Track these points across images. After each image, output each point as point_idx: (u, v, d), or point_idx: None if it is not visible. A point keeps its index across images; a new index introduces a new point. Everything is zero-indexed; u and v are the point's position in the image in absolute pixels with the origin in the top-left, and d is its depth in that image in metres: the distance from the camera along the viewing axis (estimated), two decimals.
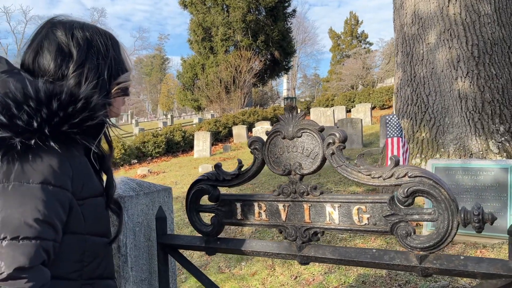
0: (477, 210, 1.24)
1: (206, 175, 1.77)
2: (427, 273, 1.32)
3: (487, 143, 5.41)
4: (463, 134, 5.55)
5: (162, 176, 11.57)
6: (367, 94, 24.33)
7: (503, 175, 4.11)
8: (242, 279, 4.19)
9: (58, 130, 1.11)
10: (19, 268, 1.00)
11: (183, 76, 30.21)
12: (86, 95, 1.17)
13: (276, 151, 1.60)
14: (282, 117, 1.60)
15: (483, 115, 5.49)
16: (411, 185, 1.33)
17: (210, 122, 18.99)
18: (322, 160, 1.51)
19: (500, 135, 5.39)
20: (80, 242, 1.21)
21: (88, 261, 1.25)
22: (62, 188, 1.12)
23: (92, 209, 1.24)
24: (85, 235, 1.23)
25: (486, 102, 5.50)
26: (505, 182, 4.07)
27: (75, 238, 1.20)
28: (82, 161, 1.22)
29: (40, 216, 1.05)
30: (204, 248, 1.78)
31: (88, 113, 1.16)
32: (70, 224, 1.17)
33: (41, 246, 1.05)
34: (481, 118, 5.50)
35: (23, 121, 1.06)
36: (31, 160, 1.08)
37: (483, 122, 5.48)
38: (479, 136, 5.45)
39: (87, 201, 1.22)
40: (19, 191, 1.06)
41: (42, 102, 1.09)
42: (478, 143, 5.43)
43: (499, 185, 4.09)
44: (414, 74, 6.14)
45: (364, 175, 1.43)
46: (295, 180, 1.57)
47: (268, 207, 1.63)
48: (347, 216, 1.47)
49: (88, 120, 1.16)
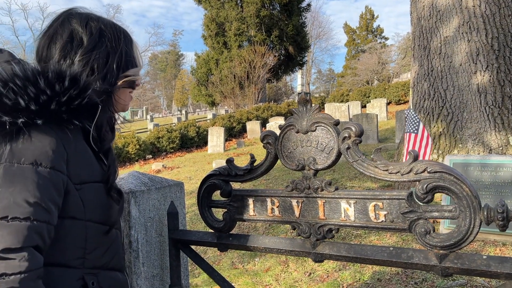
0: (502, 208, 1.18)
1: (218, 170, 1.74)
2: (447, 273, 1.27)
3: (507, 138, 5.26)
4: (482, 129, 5.41)
5: (176, 171, 11.61)
6: (383, 89, 24.02)
7: None
8: (256, 275, 4.16)
9: (47, 110, 1.09)
10: (7, 248, 0.96)
11: (197, 71, 30.26)
12: (74, 73, 1.15)
13: (289, 145, 1.56)
14: (295, 111, 1.55)
15: (503, 109, 5.35)
16: (431, 181, 1.28)
17: (224, 118, 18.99)
18: (337, 155, 1.46)
19: None
20: (80, 228, 1.18)
21: (91, 248, 1.21)
22: (55, 170, 1.09)
23: (91, 194, 1.20)
24: (86, 221, 1.19)
25: (506, 96, 5.35)
26: None
27: (75, 224, 1.17)
28: (79, 145, 1.19)
29: (31, 196, 1.03)
30: (215, 244, 1.75)
31: (76, 91, 1.13)
32: (69, 209, 1.14)
33: (32, 228, 1.01)
34: (500, 113, 5.35)
35: (10, 99, 1.05)
36: (22, 141, 1.06)
37: (503, 117, 5.33)
38: (498, 131, 5.31)
39: (85, 186, 1.19)
40: (10, 171, 1.04)
41: (29, 80, 1.08)
42: (497, 138, 5.29)
43: None
44: (431, 68, 6.01)
45: (381, 170, 1.37)
46: (309, 176, 1.52)
47: (281, 203, 1.59)
48: (363, 212, 1.42)
49: (77, 99, 1.13)
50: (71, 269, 1.18)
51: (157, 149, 15.48)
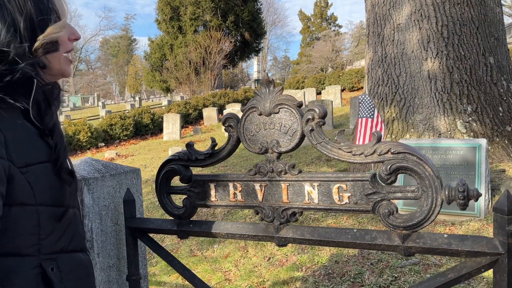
0: (462, 187, 1.20)
1: (177, 155, 1.66)
2: (410, 252, 1.28)
3: (455, 123, 5.50)
4: (432, 114, 5.62)
5: (131, 159, 11.30)
6: (337, 76, 24.48)
7: (471, 154, 4.18)
8: (215, 261, 4.13)
9: None
10: None
11: (151, 56, 29.44)
12: None
13: (252, 128, 1.51)
14: (258, 92, 1.50)
15: (451, 95, 5.57)
16: (394, 162, 1.28)
17: (179, 104, 18.64)
18: (300, 137, 1.44)
19: (468, 115, 5.49)
20: (32, 214, 1.07)
21: (46, 233, 1.11)
22: None
23: (39, 176, 1.09)
24: (37, 206, 1.08)
25: (455, 82, 5.58)
26: (473, 160, 4.15)
27: (26, 210, 1.06)
28: (18, 124, 1.07)
29: None
30: (176, 231, 1.69)
31: (5, 67, 1.01)
32: (16, 195, 1.03)
33: None
34: (449, 98, 5.57)
35: None
36: None
37: (452, 102, 5.56)
38: (447, 116, 5.54)
39: (31, 168, 1.07)
40: None
41: None
42: (446, 123, 5.52)
43: (468, 163, 4.17)
44: (385, 55, 6.15)
45: (345, 152, 1.36)
46: (272, 159, 1.49)
47: (244, 188, 1.54)
48: (327, 195, 1.40)
49: (7, 75, 1.01)
50: (26, 257, 1.07)
51: (110, 136, 14.99)
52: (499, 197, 1.17)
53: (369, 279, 3.34)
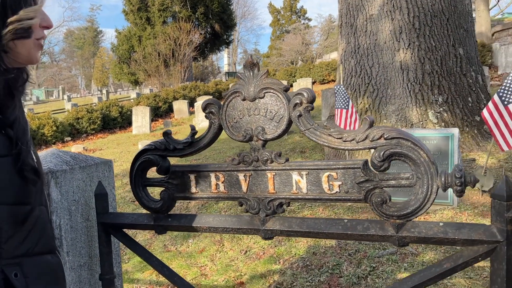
0: (459, 173, 1.14)
1: (153, 144, 1.55)
2: (404, 243, 1.22)
3: (427, 113, 5.57)
4: (404, 105, 5.67)
5: (99, 153, 10.96)
6: (308, 69, 24.56)
7: (444, 143, 4.22)
8: (190, 256, 4.02)
9: None
10: None
11: (118, 48, 28.64)
12: None
13: (235, 114, 1.42)
14: (241, 76, 1.41)
15: (423, 86, 5.63)
16: (388, 148, 1.21)
17: (149, 97, 18.22)
18: (288, 123, 1.35)
19: (439, 105, 5.57)
20: None
21: (7, 236, 0.99)
22: None
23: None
24: None
25: (426, 73, 5.64)
26: (446, 150, 4.19)
27: None
28: None
29: None
30: (153, 226, 1.58)
31: None
32: None
33: None
34: (421, 89, 5.63)
35: None
36: None
37: (423, 93, 5.62)
38: (419, 107, 5.59)
39: None
40: None
41: None
42: (418, 114, 5.58)
43: (441, 153, 4.21)
44: (358, 46, 6.15)
45: (335, 138, 1.29)
46: (257, 147, 1.40)
47: (227, 178, 1.45)
48: (316, 184, 1.33)
49: None
50: None
51: (77, 130, 14.50)
52: (497, 183, 1.13)
53: (347, 270, 3.31)
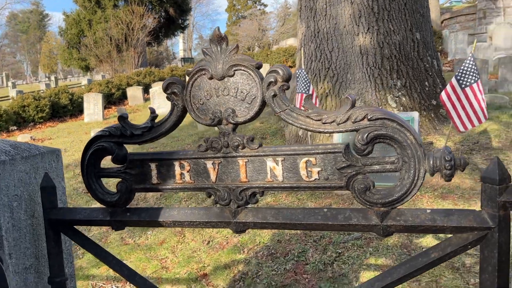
0: (449, 155, 1.06)
1: (107, 130, 1.37)
2: (389, 232, 1.13)
3: (386, 98, 5.61)
4: (364, 89, 5.68)
5: (48, 143, 10.36)
6: (265, 55, 24.44)
7: None
8: (149, 249, 3.83)
9: None
10: None
11: (67, 33, 27.16)
12: None
13: (201, 95, 1.26)
14: (208, 51, 1.25)
15: (382, 70, 5.66)
16: (372, 130, 1.11)
17: (101, 84, 17.42)
18: (261, 104, 1.22)
19: (397, 90, 5.62)
20: None
21: None
22: None
23: None
24: None
25: (385, 58, 5.67)
26: None
27: None
28: None
29: None
30: (109, 222, 1.41)
31: None
32: None
33: None
34: (380, 73, 5.66)
35: None
36: None
37: (382, 77, 5.65)
38: (378, 92, 5.63)
39: None
40: None
41: None
42: (377, 98, 5.61)
43: None
44: (318, 30, 6.08)
45: (313, 120, 1.17)
46: (227, 131, 1.25)
47: (193, 167, 1.30)
48: (293, 171, 1.21)
49: None
50: None
51: (23, 119, 13.64)
52: (488, 165, 1.05)
53: (313, 257, 3.26)
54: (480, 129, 5.41)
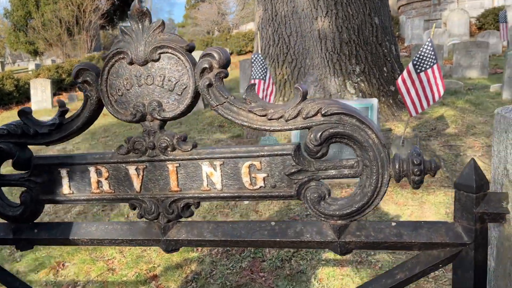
0: (417, 158, 0.88)
1: (5, 128, 1.10)
2: (347, 249, 0.95)
3: (345, 83, 5.50)
4: (323, 75, 5.55)
5: None
6: (225, 39, 23.98)
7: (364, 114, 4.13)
8: (95, 249, 3.53)
9: None
10: None
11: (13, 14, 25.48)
12: None
13: (120, 84, 1.02)
14: (127, 30, 1.00)
15: (341, 56, 5.53)
16: (327, 127, 0.91)
17: (50, 69, 16.44)
18: (194, 95, 0.99)
19: (356, 75, 5.52)
20: None
21: None
22: None
23: None
24: None
25: (344, 42, 5.53)
26: None
27: None
28: None
29: None
30: (13, 240, 1.15)
31: None
32: None
33: None
34: (339, 59, 5.53)
35: None
36: None
37: (341, 63, 5.53)
38: (337, 77, 5.50)
39: None
40: None
41: None
42: (336, 84, 5.49)
43: None
44: (275, 13, 5.86)
45: (258, 116, 0.95)
46: (153, 129, 1.02)
47: (112, 173, 1.06)
48: (234, 177, 0.99)
49: None
50: None
51: None
52: (463, 170, 0.88)
53: (270, 253, 3.09)
54: (437, 114, 5.42)
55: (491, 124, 5.05)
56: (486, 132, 4.79)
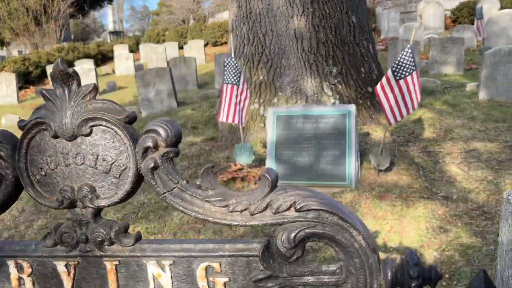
0: (415, 270, 0.70)
1: None
2: None
3: (322, 85, 5.33)
4: (299, 76, 5.36)
5: None
6: (199, 30, 23.47)
7: (342, 121, 3.99)
8: None
9: None
10: None
11: None
12: None
13: (42, 161, 0.81)
14: (49, 95, 0.79)
15: (318, 56, 5.35)
16: (302, 226, 0.73)
17: (16, 61, 15.68)
18: (135, 179, 0.78)
19: (333, 77, 5.36)
20: None
21: None
22: None
23: None
24: None
25: (321, 42, 5.35)
26: (343, 128, 3.96)
27: None
28: None
29: None
30: None
31: None
32: None
33: None
34: (316, 59, 5.35)
35: None
36: None
37: (318, 63, 5.35)
38: (314, 79, 5.33)
39: None
40: None
41: None
42: (313, 86, 5.32)
43: (339, 132, 3.97)
44: (250, 10, 5.61)
45: (216, 206, 0.76)
46: (85, 218, 0.81)
47: (36, 268, 0.85)
48: (188, 280, 0.80)
49: None
50: None
51: None
52: (472, 281, 0.71)
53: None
54: (415, 117, 5.32)
55: (469, 128, 4.99)
56: (464, 136, 4.72)
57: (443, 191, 3.62)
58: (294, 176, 3.97)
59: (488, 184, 3.67)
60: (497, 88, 6.15)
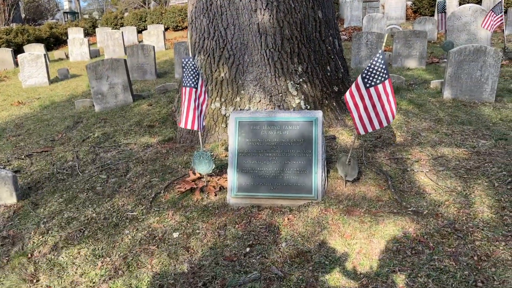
0: None
1: None
2: None
3: (286, 84, 5.04)
4: (263, 74, 5.04)
5: None
6: (159, 13, 22.55)
7: (308, 128, 3.73)
8: None
9: None
10: None
11: None
12: None
13: None
14: None
15: (282, 53, 5.04)
16: None
17: None
18: None
19: (299, 76, 5.07)
20: None
21: None
22: None
23: None
24: None
25: (286, 39, 5.04)
26: (310, 136, 3.70)
27: None
28: None
29: None
30: None
31: None
32: None
33: None
34: (280, 57, 5.04)
35: None
36: None
37: (283, 61, 5.05)
38: (278, 77, 5.03)
39: None
40: None
41: None
42: (278, 85, 5.02)
43: (304, 140, 3.71)
44: (211, 2, 5.21)
45: None
46: None
47: None
48: None
49: None
50: None
51: None
52: None
53: None
54: None
55: (436, 131, 4.87)
56: (432, 141, 4.59)
57: (413, 204, 3.45)
58: (258, 188, 3.68)
59: (457, 196, 3.52)
60: (461, 87, 6.09)
